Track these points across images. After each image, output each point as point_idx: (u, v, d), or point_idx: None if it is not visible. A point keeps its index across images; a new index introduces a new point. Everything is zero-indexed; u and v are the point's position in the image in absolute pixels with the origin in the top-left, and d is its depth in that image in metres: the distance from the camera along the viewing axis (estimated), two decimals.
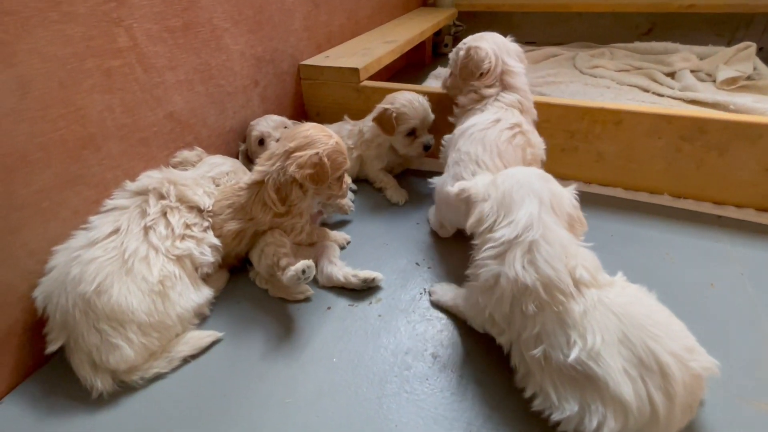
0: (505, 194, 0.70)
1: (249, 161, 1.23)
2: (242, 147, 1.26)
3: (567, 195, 0.72)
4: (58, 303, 0.74)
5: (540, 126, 1.24)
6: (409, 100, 1.20)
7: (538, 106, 1.21)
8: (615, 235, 1.08)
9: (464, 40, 1.13)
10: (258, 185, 0.90)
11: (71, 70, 0.78)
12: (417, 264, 1.03)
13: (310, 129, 0.90)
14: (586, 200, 1.20)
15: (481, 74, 1.06)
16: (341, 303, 0.93)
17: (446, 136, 1.12)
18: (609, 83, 2.01)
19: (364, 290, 0.96)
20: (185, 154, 1.04)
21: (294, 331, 0.87)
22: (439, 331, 0.86)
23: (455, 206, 0.94)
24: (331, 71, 1.45)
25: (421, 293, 0.95)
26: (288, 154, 0.87)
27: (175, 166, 1.02)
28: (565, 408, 0.59)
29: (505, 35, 1.13)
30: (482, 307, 0.72)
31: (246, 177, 0.96)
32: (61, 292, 0.74)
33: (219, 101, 1.15)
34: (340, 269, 0.96)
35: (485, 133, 0.95)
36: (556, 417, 0.61)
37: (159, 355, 0.79)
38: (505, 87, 1.06)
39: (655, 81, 1.92)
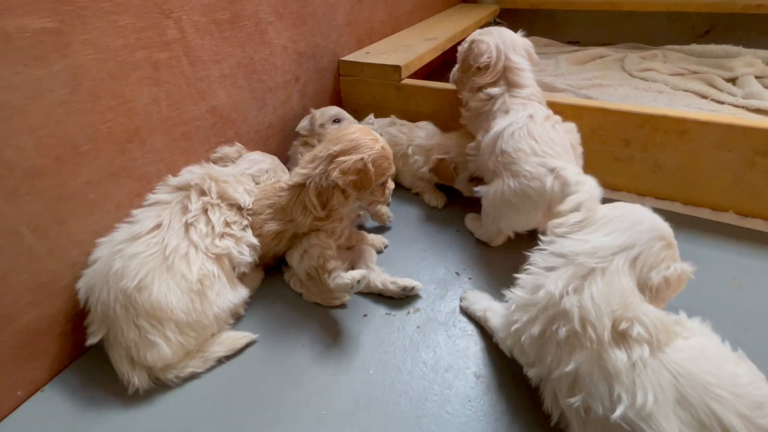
0: (605, 216, 0.64)
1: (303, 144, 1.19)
2: (304, 122, 1.18)
3: (666, 267, 0.60)
4: (99, 296, 0.74)
5: (593, 132, 1.17)
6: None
7: (592, 110, 1.14)
8: None
9: (471, 34, 1.09)
10: (300, 187, 0.87)
11: (122, 62, 0.77)
12: (457, 273, 0.99)
13: (356, 132, 0.87)
14: None
15: (479, 68, 1.03)
16: (378, 311, 0.90)
17: (471, 144, 1.09)
18: (662, 87, 1.88)
19: (401, 298, 0.92)
20: (225, 149, 1.03)
21: (329, 337, 0.85)
22: (482, 348, 0.81)
23: (516, 205, 0.92)
24: (371, 68, 1.41)
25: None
26: (332, 158, 0.84)
27: (215, 162, 1.01)
28: None
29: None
30: (512, 323, 0.67)
31: (287, 177, 0.94)
32: (103, 286, 0.73)
33: (260, 96, 1.13)
34: (378, 275, 0.93)
35: (529, 129, 0.93)
36: None
37: (194, 354, 0.78)
38: (511, 85, 1.02)
39: (714, 87, 1.79)
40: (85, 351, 0.82)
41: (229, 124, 1.06)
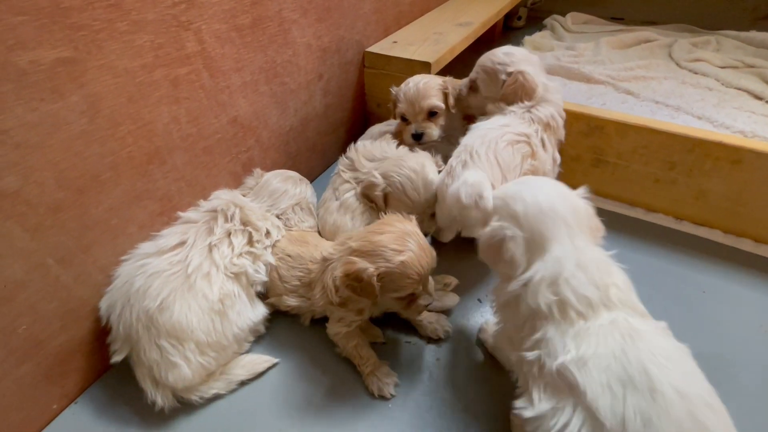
0: (534, 230, 0.62)
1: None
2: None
3: (584, 206, 0.66)
4: (121, 315, 0.74)
5: (635, 152, 1.09)
6: (407, 83, 1.11)
7: (638, 129, 1.06)
8: (708, 291, 0.96)
9: (502, 53, 0.99)
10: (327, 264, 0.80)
11: (140, 84, 0.73)
12: (479, 300, 0.97)
13: (386, 234, 0.73)
14: (675, 241, 1.08)
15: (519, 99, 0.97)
16: (398, 338, 0.90)
17: None
18: (712, 83, 1.73)
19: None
20: (248, 182, 1.01)
21: (349, 364, 0.85)
22: (502, 385, 0.81)
23: (440, 199, 0.91)
24: (399, 62, 1.32)
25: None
26: (348, 252, 0.75)
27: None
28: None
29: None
30: (503, 325, 0.69)
31: (313, 221, 0.91)
32: (124, 304, 0.74)
33: (282, 100, 1.08)
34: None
35: (488, 131, 0.90)
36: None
37: (218, 376, 0.80)
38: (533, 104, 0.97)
39: None
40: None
41: (250, 133, 1.02)
